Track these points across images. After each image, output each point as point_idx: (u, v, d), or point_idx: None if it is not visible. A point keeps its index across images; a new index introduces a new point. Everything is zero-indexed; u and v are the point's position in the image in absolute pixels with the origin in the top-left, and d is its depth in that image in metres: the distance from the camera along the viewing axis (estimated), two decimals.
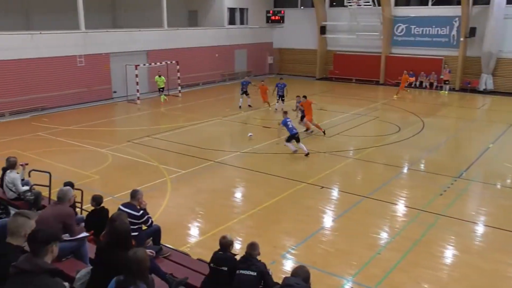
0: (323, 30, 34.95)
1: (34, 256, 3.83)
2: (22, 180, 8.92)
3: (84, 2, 24.09)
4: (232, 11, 34.47)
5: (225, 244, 6.23)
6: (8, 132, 18.57)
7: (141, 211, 7.19)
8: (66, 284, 4.43)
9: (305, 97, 19.00)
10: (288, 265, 8.64)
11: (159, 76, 25.61)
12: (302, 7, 36.84)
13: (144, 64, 26.77)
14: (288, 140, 15.94)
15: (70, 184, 7.80)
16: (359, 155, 16.11)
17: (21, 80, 22.00)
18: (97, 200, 7.82)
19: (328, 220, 10.92)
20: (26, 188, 8.70)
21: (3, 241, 4.28)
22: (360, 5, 31.85)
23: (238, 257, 6.28)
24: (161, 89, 25.79)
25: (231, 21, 34.52)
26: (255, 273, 5.87)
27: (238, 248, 8.91)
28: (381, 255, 9.09)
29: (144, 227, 7.34)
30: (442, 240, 9.80)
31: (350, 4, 32.02)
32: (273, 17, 36.98)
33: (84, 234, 6.57)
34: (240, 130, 19.96)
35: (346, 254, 9.17)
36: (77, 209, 8.61)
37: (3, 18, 24.04)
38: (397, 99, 26.65)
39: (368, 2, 31.34)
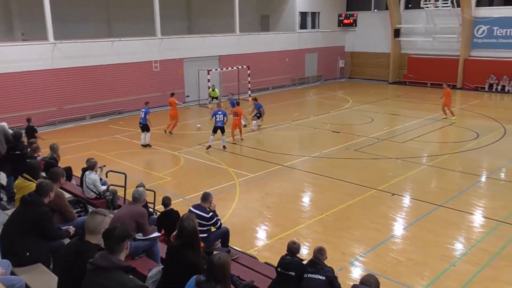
0: (397, 33, 33.97)
1: (109, 253, 3.99)
2: (100, 180, 9.42)
3: (160, 10, 25.15)
4: (303, 15, 34.44)
5: (295, 249, 6.22)
6: (88, 134, 19.73)
7: (211, 213, 7.34)
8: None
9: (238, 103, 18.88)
10: (356, 273, 8.45)
11: (213, 90, 25.08)
12: (375, 10, 36.04)
13: (216, 69, 27.43)
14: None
15: (142, 185, 8.14)
16: (433, 162, 15.46)
17: (101, 85, 23.34)
18: (164, 202, 8.10)
19: (399, 228, 10.55)
20: (104, 187, 9.19)
21: (83, 238, 4.53)
22: (437, 7, 30.59)
23: (304, 262, 6.24)
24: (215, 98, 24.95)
25: (303, 25, 34.49)
26: (324, 278, 5.81)
27: (305, 253, 8.85)
28: (456, 267, 8.64)
29: (213, 229, 7.49)
30: None
31: (427, 5, 30.87)
32: (345, 21, 36.52)
33: (156, 234, 6.81)
34: (309, 134, 19.85)
35: (418, 264, 8.81)
36: (150, 210, 8.94)
37: (87, 26, 25.62)
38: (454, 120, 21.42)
39: (447, 3, 30.02)
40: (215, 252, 4.55)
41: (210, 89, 25.34)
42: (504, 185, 13.42)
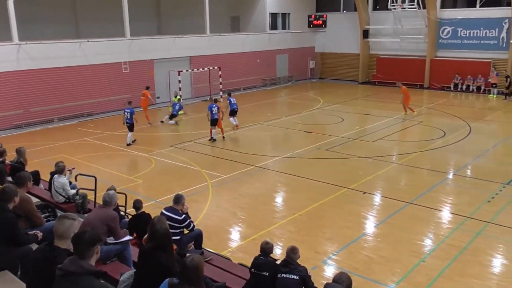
0: (365, 34, 34.52)
1: (79, 258, 3.90)
2: (70, 183, 9.23)
3: (130, 11, 24.84)
4: (274, 16, 34.59)
5: (268, 250, 6.23)
6: (57, 137, 19.31)
7: (183, 215, 7.29)
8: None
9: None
10: (330, 271, 8.54)
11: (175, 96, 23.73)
12: (344, 11, 36.52)
13: (187, 70, 27.27)
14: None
15: (113, 188, 8.02)
16: (402, 160, 15.76)
17: (69, 87, 22.85)
18: (136, 205, 7.99)
19: (370, 226, 10.72)
20: (74, 191, 9.00)
21: (52, 244, 4.42)
22: (404, 8, 31.26)
23: (278, 262, 6.26)
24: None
25: (273, 26, 34.64)
26: (297, 277, 5.84)
27: (279, 253, 8.89)
28: (425, 263, 8.84)
29: (186, 231, 7.44)
30: (491, 248, 9.44)
31: (394, 7, 31.49)
32: (315, 22, 36.87)
33: (128, 237, 6.72)
34: (281, 135, 19.95)
35: (389, 261, 8.97)
36: (121, 213, 8.81)
37: (54, 27, 25.06)
38: (412, 114, 22.90)
39: (413, 4, 30.71)
40: (188, 254, 4.51)
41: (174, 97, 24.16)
42: (470, 182, 13.81)
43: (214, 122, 17.99)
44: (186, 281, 4.20)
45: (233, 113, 20.14)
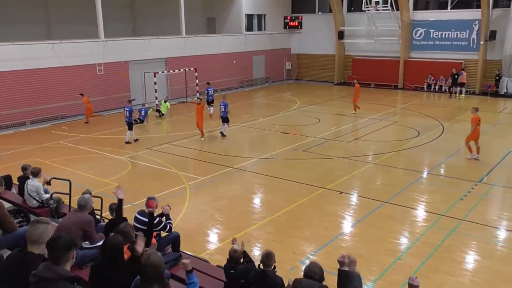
0: (341, 35, 34.88)
1: (54, 263, 3.83)
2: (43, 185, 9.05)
3: (103, 12, 24.50)
4: (249, 17, 34.65)
5: (236, 258, 6.14)
6: (29, 141, 18.89)
7: (157, 219, 7.20)
8: None
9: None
10: None
11: (165, 101, 24.17)
12: (319, 13, 36.82)
13: (163, 72, 27.07)
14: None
15: (88, 192, 7.90)
16: (378, 160, 15.97)
17: (42, 89, 22.40)
18: (112, 208, 7.89)
19: (347, 226, 10.83)
20: (48, 195, 8.83)
21: (25, 249, 4.32)
22: (378, 10, 31.72)
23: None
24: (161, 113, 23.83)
25: (249, 28, 34.70)
26: None
27: (257, 254, 8.90)
28: (401, 261, 8.97)
29: (163, 234, 7.36)
30: (464, 245, 9.65)
31: (368, 9, 31.92)
32: (291, 23, 37.07)
33: None
34: (258, 136, 19.97)
35: (366, 259, 9.06)
36: (97, 217, 8.68)
37: (25, 28, 24.55)
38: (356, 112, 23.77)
39: (387, 6, 31.19)
40: (146, 253, 4.51)
41: (163, 101, 24.13)
42: (444, 181, 14.08)
43: (225, 120, 19.18)
44: (146, 279, 4.23)
45: (209, 103, 21.52)
